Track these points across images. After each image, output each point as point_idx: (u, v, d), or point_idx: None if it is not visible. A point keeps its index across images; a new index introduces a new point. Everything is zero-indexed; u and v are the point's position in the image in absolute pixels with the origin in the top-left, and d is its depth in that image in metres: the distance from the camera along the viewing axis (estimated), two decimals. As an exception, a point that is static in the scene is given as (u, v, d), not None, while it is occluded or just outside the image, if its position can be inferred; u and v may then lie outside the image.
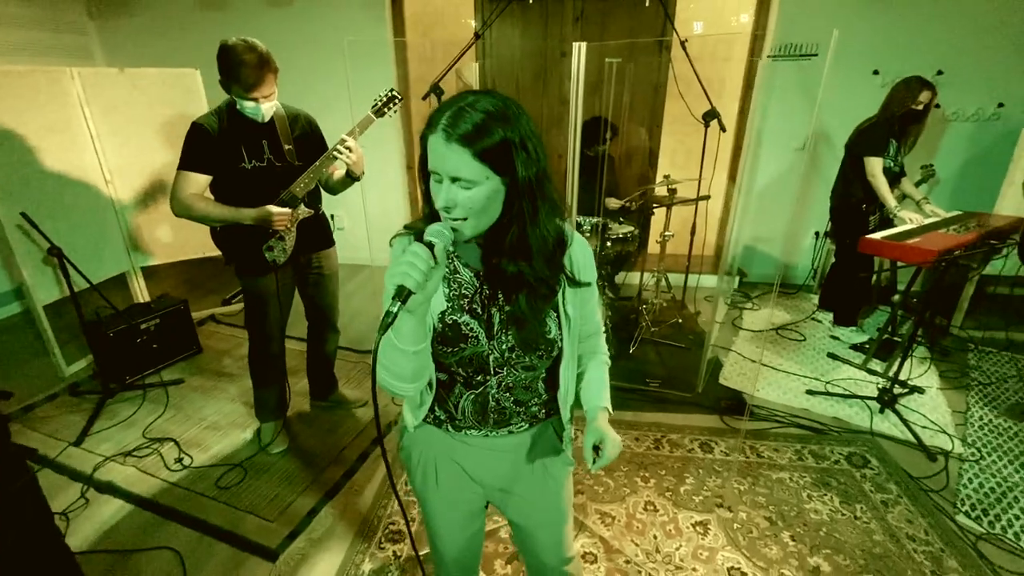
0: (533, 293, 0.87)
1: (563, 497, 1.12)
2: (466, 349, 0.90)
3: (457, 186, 0.77)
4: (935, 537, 1.80)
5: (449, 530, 1.14)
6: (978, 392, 2.66)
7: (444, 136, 0.75)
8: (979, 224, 2.65)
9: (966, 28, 3.33)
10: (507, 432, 1.02)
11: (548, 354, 0.94)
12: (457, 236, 0.80)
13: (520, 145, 0.77)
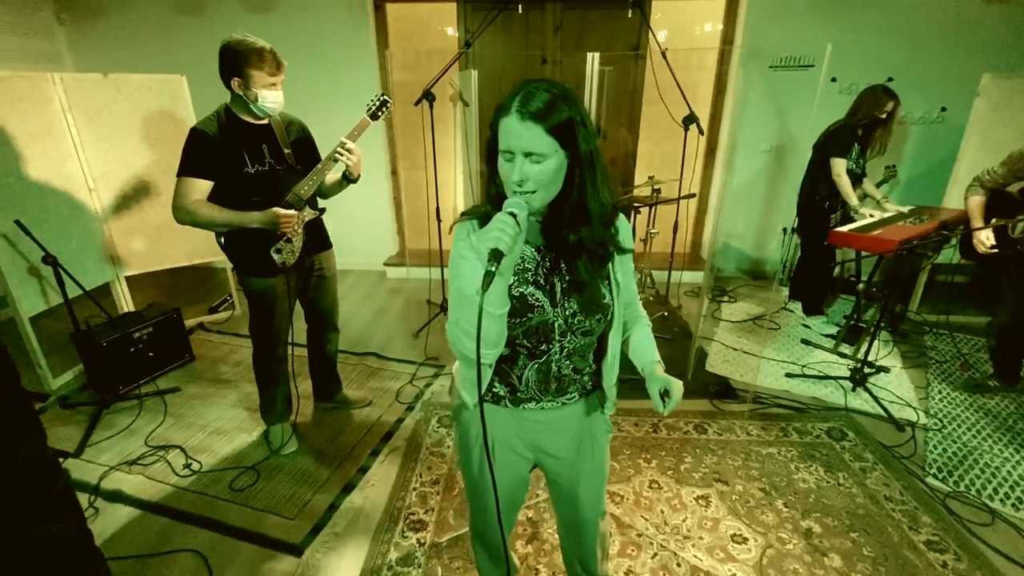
0: (592, 256, 0.98)
1: (605, 460, 1.23)
2: (533, 319, 0.99)
3: (529, 161, 0.87)
4: (909, 497, 2.00)
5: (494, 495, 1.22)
6: (936, 369, 2.92)
7: (518, 116, 0.85)
8: (931, 217, 2.92)
9: (913, 39, 3.66)
10: (561, 404, 1.12)
11: (604, 318, 1.03)
12: (530, 204, 0.90)
13: (581, 123, 0.88)
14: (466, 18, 3.89)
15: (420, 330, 3.40)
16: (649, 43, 3.67)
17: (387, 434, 2.40)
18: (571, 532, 1.32)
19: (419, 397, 2.68)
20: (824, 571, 1.70)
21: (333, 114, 3.16)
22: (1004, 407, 2.58)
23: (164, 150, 3.10)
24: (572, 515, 1.28)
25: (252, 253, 1.95)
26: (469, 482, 1.26)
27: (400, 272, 4.44)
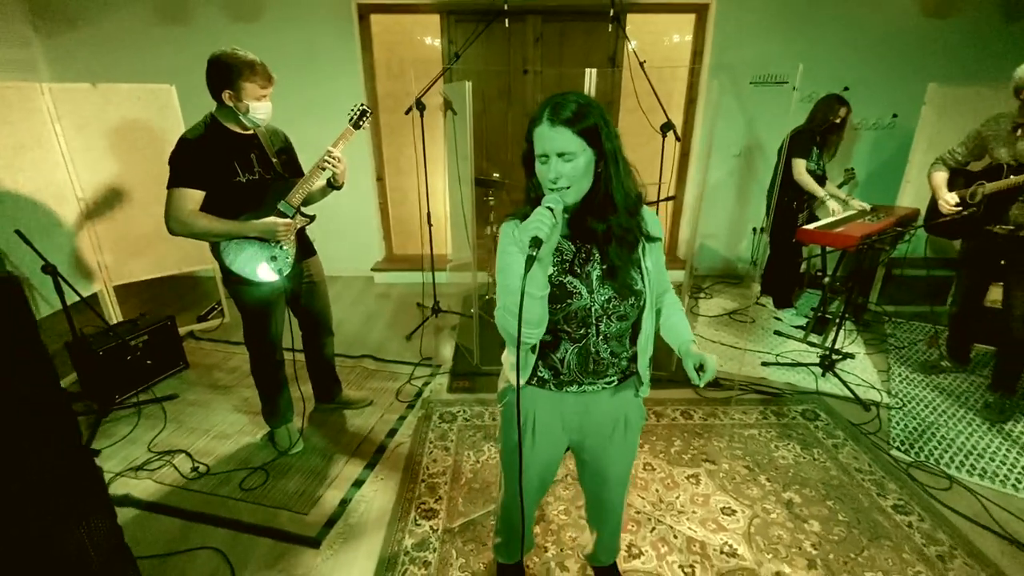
0: (621, 242, 1.10)
1: (636, 443, 1.34)
2: (572, 304, 1.11)
3: (562, 160, 1.00)
4: (876, 468, 2.20)
5: (531, 476, 1.34)
6: (895, 354, 3.17)
7: (550, 123, 0.99)
8: (887, 214, 3.18)
9: (866, 52, 3.97)
10: (601, 387, 1.22)
11: (637, 302, 1.14)
12: (565, 199, 1.03)
13: (604, 124, 1.02)
14: (449, 29, 4.02)
15: (413, 332, 3.48)
16: (626, 54, 3.87)
17: (391, 431, 2.48)
18: (599, 511, 1.45)
19: (419, 395, 2.77)
20: (805, 535, 1.87)
21: (318, 122, 3.25)
22: (957, 385, 2.84)
23: (153, 160, 3.11)
24: (601, 494, 1.40)
25: (248, 262, 1.97)
26: (507, 460, 1.38)
27: (388, 277, 4.51)
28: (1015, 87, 2.27)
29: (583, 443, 1.31)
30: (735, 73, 4.03)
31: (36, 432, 1.22)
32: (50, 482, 1.26)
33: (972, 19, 3.93)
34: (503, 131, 4.27)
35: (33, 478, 1.22)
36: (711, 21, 3.97)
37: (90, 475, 1.38)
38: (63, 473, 1.29)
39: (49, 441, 1.26)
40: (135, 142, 3.06)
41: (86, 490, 1.37)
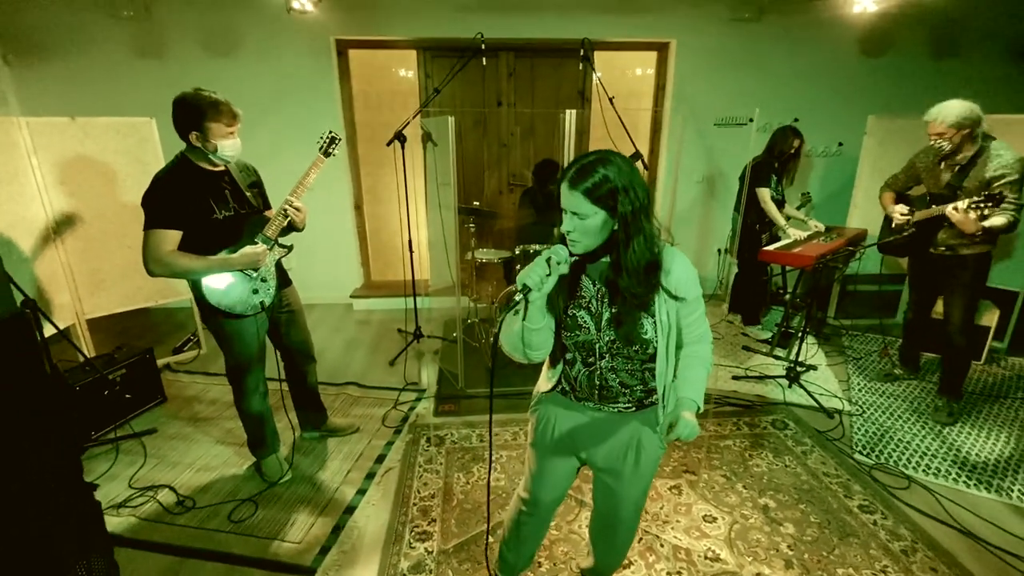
0: (625, 302, 1.17)
1: (651, 472, 1.37)
2: (579, 336, 1.23)
3: (576, 218, 1.10)
4: (842, 471, 2.36)
5: (546, 479, 1.43)
6: (853, 365, 3.40)
7: (568, 185, 1.10)
8: (839, 235, 3.44)
9: (812, 85, 4.32)
10: (615, 410, 1.31)
11: (643, 350, 1.21)
12: (572, 249, 1.13)
13: (623, 190, 1.07)
14: (426, 63, 4.17)
15: (396, 358, 3.52)
16: (595, 88, 4.09)
17: (379, 457, 2.50)
18: (605, 529, 1.52)
19: (405, 420, 2.80)
20: (781, 538, 1.98)
21: (297, 153, 3.29)
22: (910, 392, 3.06)
23: (130, 192, 3.11)
24: (611, 513, 1.46)
25: (231, 296, 1.98)
26: (531, 464, 1.47)
27: (367, 303, 4.53)
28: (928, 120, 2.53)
29: (596, 460, 1.38)
30: (695, 105, 4.32)
31: (41, 467, 1.23)
32: (53, 518, 1.26)
33: (904, 58, 4.34)
34: (479, 160, 4.42)
35: (37, 514, 1.22)
36: (672, 58, 4.25)
37: (91, 511, 1.38)
38: (65, 509, 1.30)
39: (54, 477, 1.26)
40: (113, 175, 3.06)
41: (86, 527, 1.37)
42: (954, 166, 2.53)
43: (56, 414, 1.26)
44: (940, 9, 3.99)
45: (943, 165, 2.58)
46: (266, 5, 3.56)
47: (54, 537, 1.26)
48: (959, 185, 2.49)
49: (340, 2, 3.75)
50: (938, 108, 2.44)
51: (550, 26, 4.01)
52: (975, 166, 2.46)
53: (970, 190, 2.45)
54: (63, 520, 1.29)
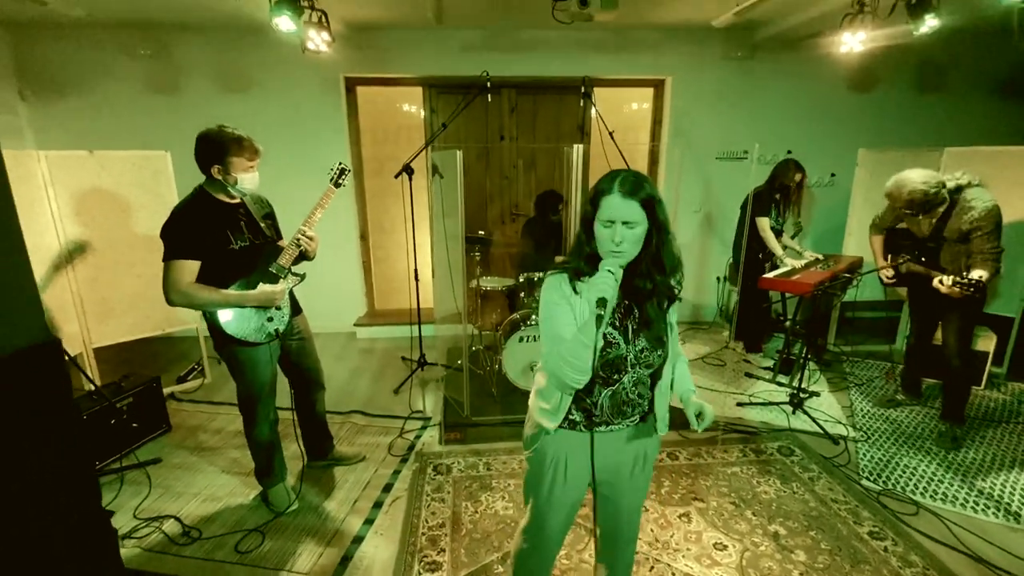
0: (659, 299, 1.25)
1: (650, 476, 1.46)
2: (611, 353, 1.25)
3: (625, 227, 1.16)
4: (850, 497, 2.36)
5: (561, 520, 1.43)
6: (856, 391, 3.42)
7: (620, 195, 1.15)
8: (835, 262, 3.52)
9: (804, 119, 4.49)
10: (625, 426, 1.35)
11: (663, 353, 1.29)
12: (619, 261, 1.19)
13: (659, 201, 1.19)
14: (431, 100, 4.33)
15: (400, 386, 3.52)
16: (595, 123, 4.24)
17: (386, 485, 2.49)
18: (614, 545, 1.52)
19: (412, 448, 2.79)
20: (793, 565, 1.97)
21: (306, 185, 3.38)
22: (913, 418, 3.07)
23: (144, 223, 3.18)
24: (617, 527, 1.48)
25: (246, 325, 2.03)
26: (537, 502, 1.44)
27: (370, 332, 4.55)
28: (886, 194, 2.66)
29: (605, 480, 1.40)
30: (691, 138, 4.46)
31: (64, 491, 1.24)
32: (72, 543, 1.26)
33: (891, 93, 4.52)
34: (482, 192, 4.53)
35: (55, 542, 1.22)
36: (668, 94, 4.42)
37: (107, 538, 1.39)
38: (83, 535, 1.30)
39: (73, 505, 1.27)
40: (127, 207, 3.13)
41: (102, 554, 1.36)
42: (932, 218, 2.64)
43: (79, 440, 1.27)
44: (924, 48, 4.18)
45: (921, 217, 2.68)
46: (279, 44, 3.71)
47: (72, 562, 1.26)
48: (941, 234, 2.61)
49: (350, 41, 3.91)
50: (894, 182, 2.60)
51: (551, 65, 4.18)
52: (951, 217, 2.57)
53: (951, 239, 2.58)
54: (81, 545, 1.29)
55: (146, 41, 3.87)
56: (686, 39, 4.19)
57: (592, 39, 4.14)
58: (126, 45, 3.87)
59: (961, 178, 2.60)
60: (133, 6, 3.41)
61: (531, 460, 1.42)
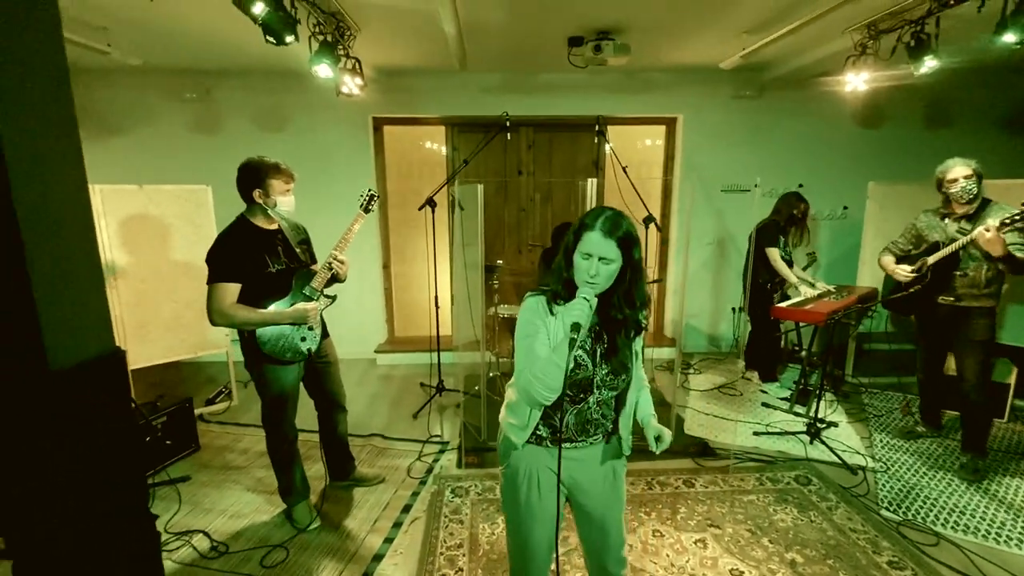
0: (627, 331, 1.36)
1: (622, 491, 1.53)
2: (579, 374, 1.35)
3: (601, 263, 1.27)
4: (869, 527, 2.34)
5: (543, 533, 1.48)
6: (875, 422, 3.40)
7: (601, 233, 1.26)
8: (849, 292, 3.56)
9: (815, 154, 4.61)
10: (589, 444, 1.44)
11: (627, 378, 1.40)
12: (593, 291, 1.29)
13: (636, 240, 1.30)
14: (453, 137, 4.56)
15: (419, 411, 3.60)
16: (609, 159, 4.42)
17: (405, 506, 2.55)
18: (597, 558, 1.56)
19: (430, 471, 2.85)
20: (810, 593, 1.97)
21: (336, 216, 3.56)
22: (933, 449, 3.04)
23: (184, 252, 3.39)
24: (600, 539, 1.53)
25: (279, 344, 2.17)
26: (513, 518, 1.50)
27: (390, 358, 4.67)
28: (937, 179, 2.72)
29: (577, 495, 1.49)
30: (703, 173, 4.60)
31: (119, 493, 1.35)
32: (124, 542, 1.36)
33: (899, 128, 4.63)
34: (501, 224, 4.70)
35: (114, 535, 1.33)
36: (680, 131, 4.60)
37: (152, 540, 1.48)
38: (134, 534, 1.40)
39: (129, 504, 1.38)
40: (170, 236, 3.35)
41: (148, 555, 1.46)
42: (959, 219, 2.69)
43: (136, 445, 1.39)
44: (931, 85, 4.30)
45: (948, 220, 2.74)
46: (313, 88, 3.98)
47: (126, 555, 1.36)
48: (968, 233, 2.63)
49: (378, 84, 4.19)
50: (946, 164, 2.66)
51: (567, 104, 4.40)
52: (979, 218, 2.61)
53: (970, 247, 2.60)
54: (133, 542, 1.39)
55: (192, 86, 4.20)
56: (696, 79, 4.38)
57: (606, 81, 4.35)
58: (174, 89, 4.20)
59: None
60: (182, 54, 3.73)
61: (505, 475, 1.49)
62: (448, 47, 3.39)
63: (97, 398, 1.29)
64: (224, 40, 3.35)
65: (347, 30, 3.01)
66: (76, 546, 1.25)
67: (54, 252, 1.19)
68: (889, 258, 3.06)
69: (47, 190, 1.18)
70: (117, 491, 1.36)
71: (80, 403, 1.24)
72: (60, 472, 1.21)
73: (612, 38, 3.33)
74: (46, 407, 1.18)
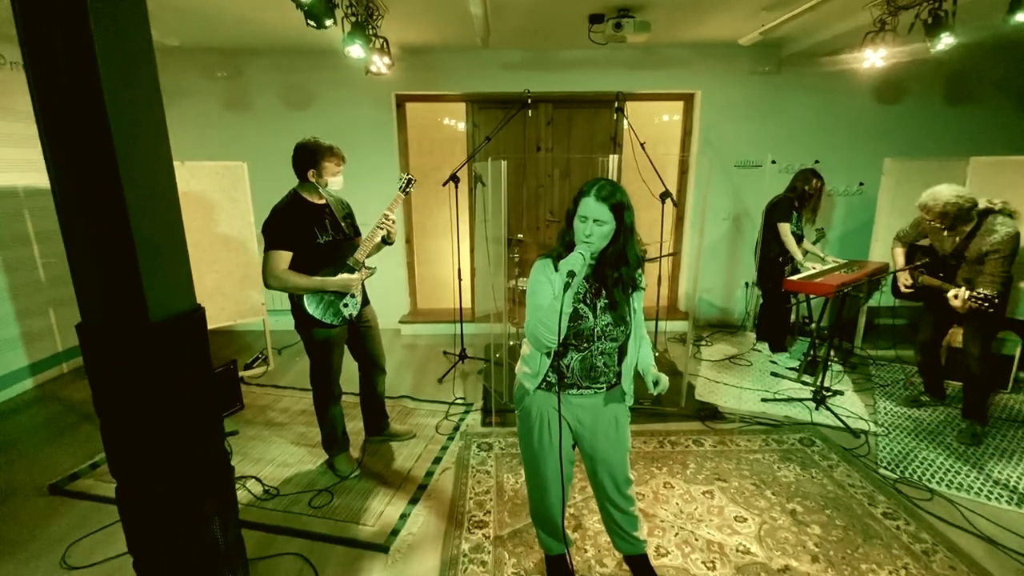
0: (624, 286, 1.56)
1: (626, 436, 1.73)
2: (581, 324, 1.55)
3: (595, 224, 1.46)
4: (867, 484, 2.52)
5: (555, 466, 1.69)
6: (880, 391, 3.54)
7: (595, 198, 1.45)
8: (860, 267, 3.66)
9: (833, 130, 4.63)
10: (594, 391, 1.64)
11: (625, 330, 1.59)
12: (589, 249, 1.47)
13: (627, 206, 1.48)
14: (474, 115, 4.67)
15: (444, 376, 3.83)
16: (627, 135, 4.50)
17: (436, 459, 2.78)
18: (606, 496, 1.77)
19: (457, 429, 3.08)
20: (808, 537, 2.16)
21: (360, 191, 3.72)
22: (936, 417, 3.18)
23: (223, 224, 3.60)
24: (604, 480, 1.73)
25: (325, 308, 2.38)
26: (528, 457, 1.73)
27: (413, 328, 4.89)
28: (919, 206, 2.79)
29: (587, 438, 1.69)
30: (720, 148, 4.66)
31: (199, 435, 1.57)
32: (203, 479, 1.58)
33: (919, 104, 4.63)
34: (519, 199, 4.83)
35: (198, 462, 1.55)
36: (697, 107, 4.65)
37: (226, 472, 1.71)
38: (214, 463, 1.63)
39: (205, 440, 1.60)
40: (211, 210, 3.56)
41: (224, 485, 1.69)
42: (956, 236, 2.77)
43: (212, 389, 1.61)
44: (951, 61, 4.29)
45: (947, 234, 2.82)
46: (339, 67, 4.11)
47: (208, 480, 1.59)
48: (963, 252, 2.74)
49: (402, 62, 4.29)
50: (929, 194, 2.73)
51: (586, 81, 4.47)
52: (975, 237, 2.71)
53: (970, 259, 2.72)
54: (214, 469, 1.61)
55: (224, 64, 4.35)
56: (715, 55, 4.41)
57: (624, 57, 4.41)
58: (207, 68, 4.35)
59: (994, 202, 2.73)
60: (215, 34, 3.87)
61: (520, 417, 1.70)
62: (473, 25, 3.48)
63: (185, 346, 1.50)
64: (258, 20, 3.47)
65: (375, 10, 3.13)
66: (172, 470, 1.48)
67: (151, 221, 1.38)
68: (900, 250, 3.17)
69: (144, 166, 1.37)
70: (202, 423, 1.58)
71: (173, 350, 1.45)
72: (162, 407, 1.43)
73: (632, 16, 3.39)
74: (149, 353, 1.39)
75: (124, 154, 1.29)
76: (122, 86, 1.28)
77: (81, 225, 1.32)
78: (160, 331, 1.40)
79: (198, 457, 1.56)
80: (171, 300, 1.46)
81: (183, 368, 1.49)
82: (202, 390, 1.57)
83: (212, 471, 1.63)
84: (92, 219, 1.30)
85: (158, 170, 1.45)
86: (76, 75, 1.19)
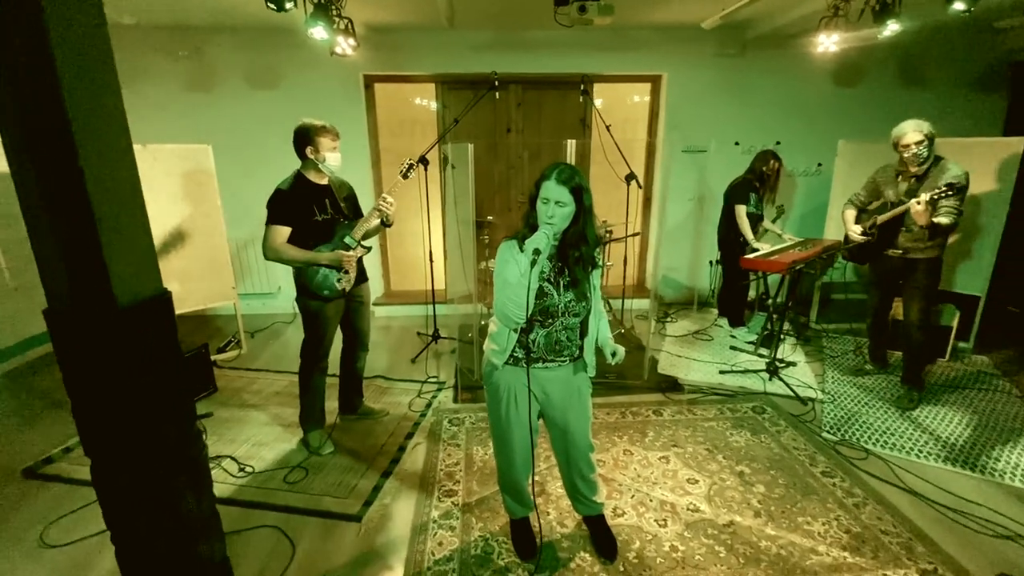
0: (584, 264, 1.66)
1: (588, 406, 1.86)
2: (546, 301, 1.65)
3: (557, 206, 1.55)
4: (810, 445, 2.72)
5: (522, 436, 1.81)
6: (830, 362, 3.76)
7: (555, 181, 1.55)
8: (814, 245, 3.84)
9: (792, 112, 4.77)
10: (558, 365, 1.75)
11: (587, 307, 1.70)
12: (551, 230, 1.57)
13: (586, 189, 1.58)
14: (443, 95, 4.67)
15: (417, 356, 3.91)
16: (594, 118, 4.56)
17: (408, 434, 2.88)
18: (569, 463, 1.91)
19: (429, 406, 3.18)
20: (752, 495, 2.34)
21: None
22: (878, 384, 3.42)
23: (189, 207, 3.57)
24: (568, 448, 1.87)
25: (320, 282, 2.47)
26: (496, 429, 1.84)
27: (387, 310, 4.94)
28: (893, 142, 2.94)
29: (552, 408, 1.82)
30: (687, 130, 4.77)
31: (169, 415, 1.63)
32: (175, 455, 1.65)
33: (875, 87, 4.80)
34: (490, 181, 4.87)
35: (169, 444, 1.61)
36: (664, 89, 4.73)
37: (200, 451, 1.78)
38: (185, 445, 1.69)
39: (175, 420, 1.66)
40: (175, 193, 3.52)
41: (196, 464, 1.75)
42: (911, 177, 2.93)
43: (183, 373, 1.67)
44: (906, 45, 4.45)
45: (900, 178, 2.98)
46: (305, 46, 4.04)
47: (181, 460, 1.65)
48: (915, 194, 2.89)
49: (369, 42, 4.25)
50: (910, 123, 2.84)
51: (554, 62, 4.50)
52: (928, 177, 2.86)
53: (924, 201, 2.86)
54: (185, 451, 1.68)
55: (184, 43, 4.24)
56: (680, 38, 4.48)
57: (592, 38, 4.44)
58: (166, 47, 4.24)
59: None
60: (174, 11, 3.77)
61: (488, 391, 1.82)
62: (436, 4, 3.48)
63: (153, 329, 1.55)
64: (217, -2, 3.41)
65: (339, -10, 3.10)
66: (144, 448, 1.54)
67: (111, 204, 1.41)
68: (850, 212, 3.32)
69: (103, 148, 1.39)
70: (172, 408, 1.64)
71: (141, 334, 1.50)
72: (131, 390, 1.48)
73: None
74: (116, 338, 1.43)
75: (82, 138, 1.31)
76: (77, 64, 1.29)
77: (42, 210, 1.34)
78: (127, 316, 1.45)
79: (169, 435, 1.63)
80: (137, 285, 1.50)
81: (151, 351, 1.54)
82: (171, 371, 1.63)
83: (184, 447, 1.70)
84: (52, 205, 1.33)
85: (117, 150, 1.46)
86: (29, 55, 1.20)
